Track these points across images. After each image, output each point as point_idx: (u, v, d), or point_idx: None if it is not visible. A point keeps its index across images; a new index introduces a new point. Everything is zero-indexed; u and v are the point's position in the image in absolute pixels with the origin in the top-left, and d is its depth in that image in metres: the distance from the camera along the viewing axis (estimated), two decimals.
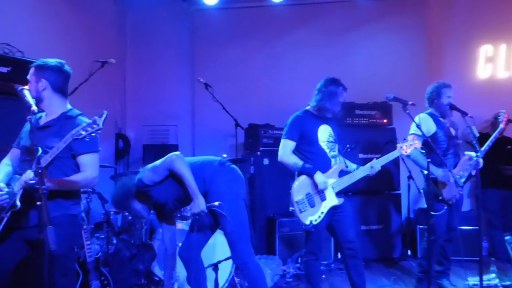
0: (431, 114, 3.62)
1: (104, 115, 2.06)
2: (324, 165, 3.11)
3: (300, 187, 3.02)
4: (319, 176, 2.99)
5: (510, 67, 5.13)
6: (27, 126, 2.36)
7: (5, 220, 2.10)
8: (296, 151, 3.13)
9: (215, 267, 3.20)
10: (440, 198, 3.41)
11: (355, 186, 4.64)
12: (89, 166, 2.28)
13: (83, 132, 2.05)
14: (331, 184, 3.07)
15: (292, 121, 3.15)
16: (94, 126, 2.05)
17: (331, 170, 3.11)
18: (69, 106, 2.39)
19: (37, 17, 4.11)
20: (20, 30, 3.75)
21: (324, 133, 3.15)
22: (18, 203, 2.09)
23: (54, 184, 2.13)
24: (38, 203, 1.77)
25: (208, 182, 2.78)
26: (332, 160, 3.16)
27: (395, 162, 4.95)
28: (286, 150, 3.11)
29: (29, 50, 3.37)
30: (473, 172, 3.47)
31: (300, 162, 3.05)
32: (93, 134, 2.05)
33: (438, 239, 3.44)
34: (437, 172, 3.42)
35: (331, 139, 3.19)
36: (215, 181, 2.79)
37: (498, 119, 3.71)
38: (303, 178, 3.04)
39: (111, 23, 5.73)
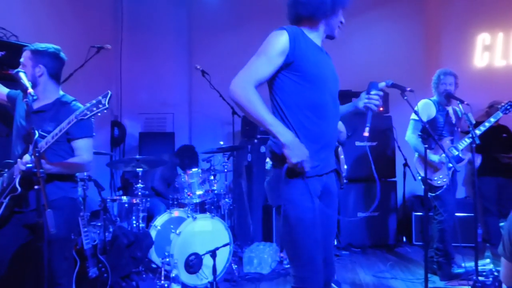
0: (434, 101, 3.66)
1: (109, 95, 2.02)
2: None
3: None
4: None
5: (507, 55, 5.13)
6: (20, 108, 2.34)
7: (4, 204, 2.10)
8: None
9: (213, 254, 3.21)
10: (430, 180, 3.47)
11: (351, 173, 4.73)
12: (84, 150, 2.29)
13: (88, 112, 2.01)
14: None
15: None
16: (100, 106, 2.01)
17: None
18: (61, 92, 2.39)
19: (32, 1, 4.04)
20: (15, 14, 3.69)
21: None
22: (18, 187, 2.07)
23: (53, 166, 2.14)
24: (36, 186, 1.75)
25: None
26: None
27: (392, 149, 4.98)
28: None
29: (24, 34, 3.32)
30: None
31: None
32: (99, 114, 2.02)
33: (448, 219, 3.50)
34: (433, 157, 3.45)
35: None
36: None
37: (499, 107, 3.71)
38: None
39: (107, 8, 5.66)
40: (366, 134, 1.87)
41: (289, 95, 1.78)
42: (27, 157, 2.04)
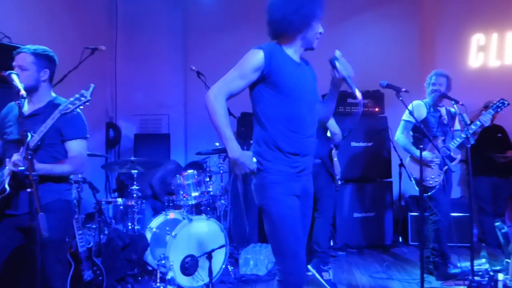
0: (425, 102, 3.70)
1: (91, 88, 2.05)
2: None
3: None
4: None
5: (502, 55, 5.15)
6: (10, 111, 2.31)
7: None
8: None
9: (208, 255, 3.19)
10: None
11: (347, 174, 4.73)
12: (78, 151, 2.28)
13: (71, 106, 2.04)
14: None
15: None
16: (82, 98, 2.04)
17: None
18: (53, 94, 2.39)
19: (25, 2, 4.01)
20: (7, 15, 3.67)
21: None
22: (7, 187, 2.05)
23: (46, 168, 2.13)
24: (29, 189, 1.73)
25: None
26: None
27: (387, 150, 4.99)
28: None
29: (17, 35, 3.29)
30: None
31: None
32: (81, 107, 2.06)
33: (443, 219, 3.51)
34: (425, 153, 3.49)
35: None
36: None
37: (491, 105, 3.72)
38: None
39: (101, 8, 5.63)
40: (359, 94, 1.98)
41: (267, 107, 1.96)
42: (15, 157, 2.02)
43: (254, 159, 1.94)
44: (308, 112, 2.01)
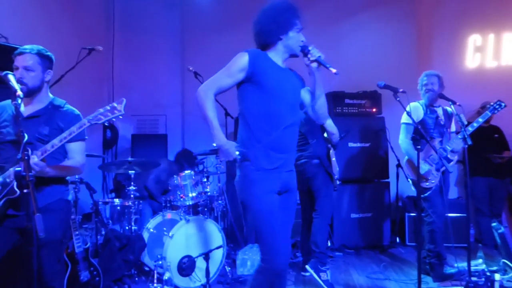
0: (422, 103, 3.71)
1: (124, 102, 2.11)
2: None
3: None
4: None
5: (498, 56, 5.17)
6: (3, 111, 2.30)
7: None
8: None
9: (206, 256, 3.19)
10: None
11: (345, 174, 4.74)
12: (78, 153, 2.30)
13: (103, 117, 2.07)
14: None
15: None
16: (115, 111, 2.08)
17: None
18: (51, 95, 2.39)
19: (21, 2, 3.99)
20: (4, 15, 3.65)
21: None
22: (17, 189, 2.03)
23: (51, 169, 2.14)
24: (25, 190, 1.73)
25: None
26: None
27: (385, 150, 5.00)
28: None
29: (14, 36, 3.28)
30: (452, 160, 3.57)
31: None
32: (114, 119, 2.09)
33: (437, 220, 3.51)
34: (424, 167, 3.52)
35: None
36: None
37: (488, 106, 3.73)
38: None
39: (98, 9, 5.62)
40: (334, 70, 2.11)
41: (250, 104, 2.19)
42: (34, 158, 2.01)
43: (237, 152, 2.12)
44: (289, 111, 2.20)
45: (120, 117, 2.09)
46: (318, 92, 2.26)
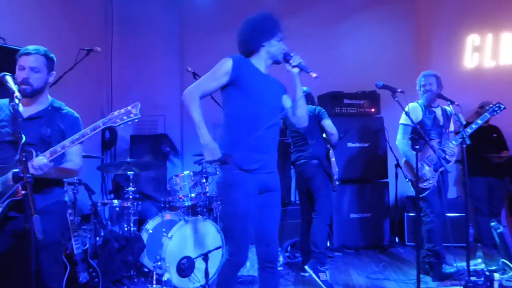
0: (420, 104, 3.71)
1: (139, 106, 2.15)
2: None
3: None
4: None
5: (497, 56, 5.18)
6: (1, 111, 2.29)
7: (1, 209, 2.06)
8: None
9: (205, 257, 3.18)
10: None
11: (344, 175, 4.74)
12: (76, 155, 2.30)
13: (119, 121, 2.11)
14: None
15: None
16: (131, 115, 2.11)
17: None
18: (50, 97, 2.39)
19: (19, 3, 3.98)
20: (2, 16, 3.64)
21: None
22: (22, 191, 2.02)
23: (54, 171, 2.14)
24: (23, 192, 1.72)
25: None
26: None
27: (384, 151, 5.00)
28: None
29: (11, 37, 3.27)
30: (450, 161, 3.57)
31: None
32: (129, 123, 2.13)
33: (435, 220, 3.52)
34: (426, 171, 3.51)
35: None
36: None
37: (487, 108, 3.73)
38: None
39: (97, 9, 5.60)
40: (314, 74, 2.23)
41: (233, 106, 2.31)
42: (40, 161, 2.00)
43: (219, 154, 2.23)
44: (269, 114, 2.31)
45: (136, 120, 2.13)
46: (298, 95, 2.37)
